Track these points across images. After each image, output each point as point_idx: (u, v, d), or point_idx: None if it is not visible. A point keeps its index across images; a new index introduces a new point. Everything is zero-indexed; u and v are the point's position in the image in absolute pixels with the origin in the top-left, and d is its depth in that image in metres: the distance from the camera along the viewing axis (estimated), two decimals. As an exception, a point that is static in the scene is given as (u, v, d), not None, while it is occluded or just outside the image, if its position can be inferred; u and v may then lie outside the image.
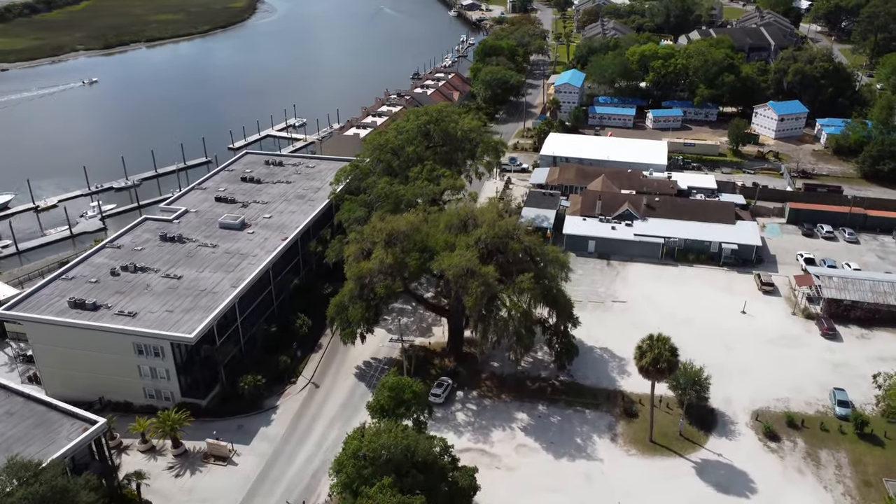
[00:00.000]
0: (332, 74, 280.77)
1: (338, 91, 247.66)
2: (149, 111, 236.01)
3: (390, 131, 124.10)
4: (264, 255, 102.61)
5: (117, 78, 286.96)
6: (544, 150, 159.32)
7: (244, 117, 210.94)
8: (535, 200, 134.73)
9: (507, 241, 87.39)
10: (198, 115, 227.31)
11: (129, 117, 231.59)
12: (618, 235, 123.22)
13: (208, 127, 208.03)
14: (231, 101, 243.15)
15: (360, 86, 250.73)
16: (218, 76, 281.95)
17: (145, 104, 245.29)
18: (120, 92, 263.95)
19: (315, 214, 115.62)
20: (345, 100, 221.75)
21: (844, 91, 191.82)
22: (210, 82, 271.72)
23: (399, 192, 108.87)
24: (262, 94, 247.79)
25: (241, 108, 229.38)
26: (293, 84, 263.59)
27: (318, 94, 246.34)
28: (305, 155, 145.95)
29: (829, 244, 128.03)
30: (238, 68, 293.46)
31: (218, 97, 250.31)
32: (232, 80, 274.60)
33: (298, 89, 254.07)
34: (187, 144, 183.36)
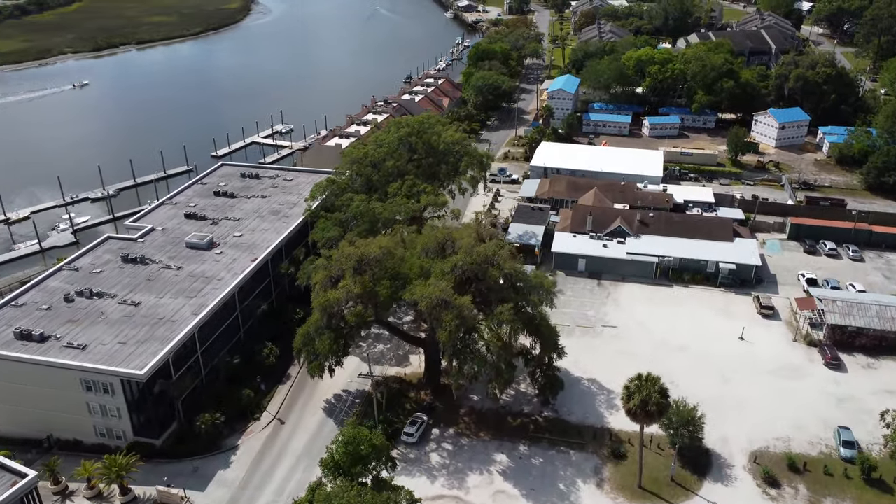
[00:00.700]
0: (324, 78, 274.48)
1: (328, 95, 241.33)
2: (135, 116, 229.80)
3: (369, 144, 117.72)
4: (230, 278, 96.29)
5: (108, 81, 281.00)
6: (535, 160, 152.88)
7: (230, 123, 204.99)
8: (524, 215, 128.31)
9: (486, 267, 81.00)
10: (184, 120, 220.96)
11: (114, 122, 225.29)
12: (609, 254, 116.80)
13: (194, 132, 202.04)
14: (218, 106, 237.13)
15: (352, 90, 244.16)
16: (207, 80, 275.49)
17: (132, 108, 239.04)
18: (109, 95, 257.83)
19: (289, 233, 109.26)
20: (334, 105, 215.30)
21: (847, 97, 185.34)
22: (198, 86, 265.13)
23: (376, 211, 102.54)
24: (251, 99, 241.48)
25: (228, 113, 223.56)
26: (282, 88, 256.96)
27: (307, 99, 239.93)
28: (283, 167, 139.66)
29: (833, 262, 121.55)
30: (227, 72, 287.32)
31: (205, 101, 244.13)
32: (220, 83, 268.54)
33: (288, 94, 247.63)
34: (170, 151, 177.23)
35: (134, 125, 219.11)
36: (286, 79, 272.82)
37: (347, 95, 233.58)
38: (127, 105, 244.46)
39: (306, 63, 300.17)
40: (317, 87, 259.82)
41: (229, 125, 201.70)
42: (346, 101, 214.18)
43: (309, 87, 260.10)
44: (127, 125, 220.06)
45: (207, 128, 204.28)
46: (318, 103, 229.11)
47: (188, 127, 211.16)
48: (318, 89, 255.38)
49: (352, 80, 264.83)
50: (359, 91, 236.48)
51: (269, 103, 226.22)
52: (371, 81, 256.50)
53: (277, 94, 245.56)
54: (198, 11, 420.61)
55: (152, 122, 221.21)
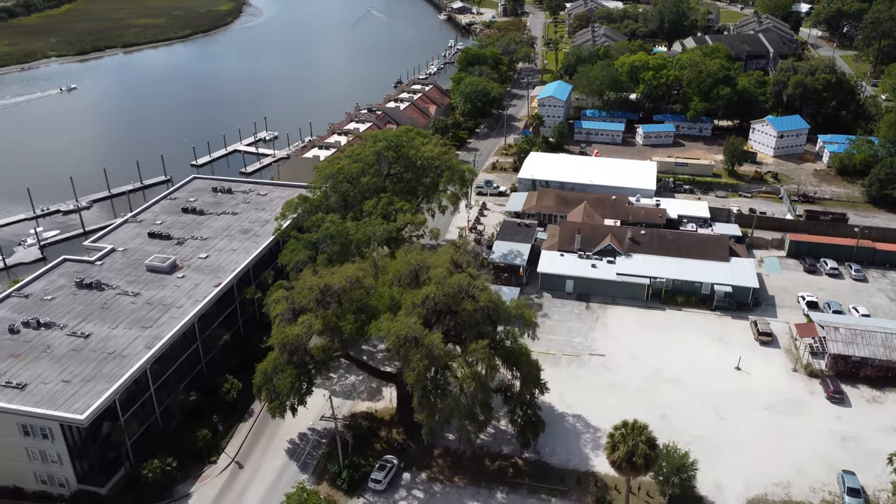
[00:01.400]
0: (312, 82, 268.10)
1: (315, 101, 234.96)
2: (117, 122, 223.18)
3: (344, 158, 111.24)
4: (190, 305, 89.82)
5: (96, 85, 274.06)
6: (523, 172, 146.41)
7: (214, 129, 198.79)
8: (509, 232, 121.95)
9: (460, 299, 74.57)
10: (165, 126, 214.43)
11: (95, 128, 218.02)
12: (598, 274, 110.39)
13: (174, 139, 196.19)
14: (201, 112, 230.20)
15: (341, 94, 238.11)
16: (191, 84, 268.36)
17: (115, 114, 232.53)
18: (95, 100, 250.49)
19: (257, 254, 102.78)
20: (321, 110, 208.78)
21: (848, 105, 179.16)
22: (183, 91, 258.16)
23: (348, 232, 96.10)
24: (236, 104, 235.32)
25: (211, 120, 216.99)
26: (269, 93, 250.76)
27: (294, 104, 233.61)
28: (257, 181, 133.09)
29: (834, 283, 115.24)
30: (213, 76, 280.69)
31: (188, 107, 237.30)
32: (205, 88, 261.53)
33: (274, 99, 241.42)
34: (149, 160, 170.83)
35: (115, 132, 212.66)
36: (273, 83, 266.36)
37: (336, 100, 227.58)
38: (110, 110, 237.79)
39: (295, 66, 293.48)
40: (305, 91, 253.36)
41: (212, 132, 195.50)
42: (334, 106, 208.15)
43: (296, 91, 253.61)
44: (108, 131, 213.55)
45: (189, 134, 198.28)
46: (305, 109, 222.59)
47: (169, 133, 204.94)
48: (306, 94, 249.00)
49: (341, 84, 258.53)
50: (348, 95, 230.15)
51: (255, 109, 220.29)
52: (361, 85, 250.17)
53: (263, 100, 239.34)
54: (188, 13, 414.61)
55: (134, 128, 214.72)
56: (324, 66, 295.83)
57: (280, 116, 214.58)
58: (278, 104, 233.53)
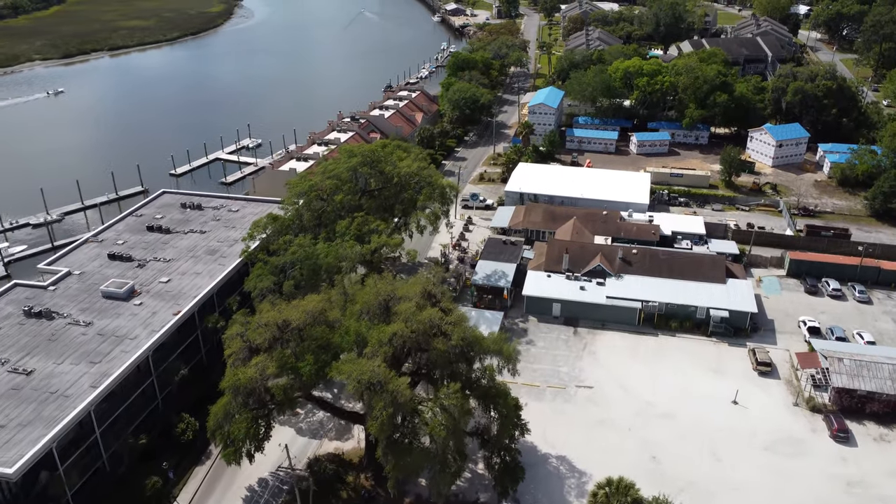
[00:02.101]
0: (300, 86, 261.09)
1: (303, 106, 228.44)
2: (96, 128, 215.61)
3: (317, 174, 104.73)
4: (145, 337, 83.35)
5: (84, 89, 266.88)
6: (510, 184, 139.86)
7: (197, 136, 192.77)
8: (494, 250, 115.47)
9: (431, 336, 68.16)
10: (146, 133, 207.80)
11: (74, 135, 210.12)
12: (587, 297, 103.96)
13: (156, 146, 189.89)
14: (185, 117, 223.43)
15: (328, 99, 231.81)
16: (177, 89, 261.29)
17: (98, 120, 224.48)
18: (80, 105, 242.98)
19: (223, 277, 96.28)
20: (308, 117, 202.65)
21: (849, 112, 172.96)
22: (168, 96, 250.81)
23: (318, 256, 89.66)
24: (222, 109, 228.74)
25: (195, 125, 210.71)
26: (256, 97, 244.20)
27: (281, 110, 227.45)
28: (230, 196, 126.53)
29: (837, 305, 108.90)
30: (200, 79, 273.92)
31: (173, 112, 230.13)
32: (191, 92, 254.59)
33: (261, 103, 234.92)
34: (125, 169, 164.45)
35: (93, 138, 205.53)
36: (260, 87, 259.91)
37: (323, 106, 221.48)
38: (90, 116, 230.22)
39: (283, 70, 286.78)
40: (292, 96, 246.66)
41: (195, 138, 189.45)
42: (321, 112, 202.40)
43: (283, 96, 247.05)
44: (85, 138, 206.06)
45: (171, 141, 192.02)
46: (291, 115, 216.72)
47: (150, 140, 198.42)
48: (293, 99, 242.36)
49: (330, 89, 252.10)
50: (336, 100, 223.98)
51: (240, 114, 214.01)
52: (350, 89, 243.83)
53: (250, 105, 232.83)
54: (178, 15, 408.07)
55: (113, 135, 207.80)
56: (313, 70, 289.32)
57: (266, 122, 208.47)
58: (264, 109, 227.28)
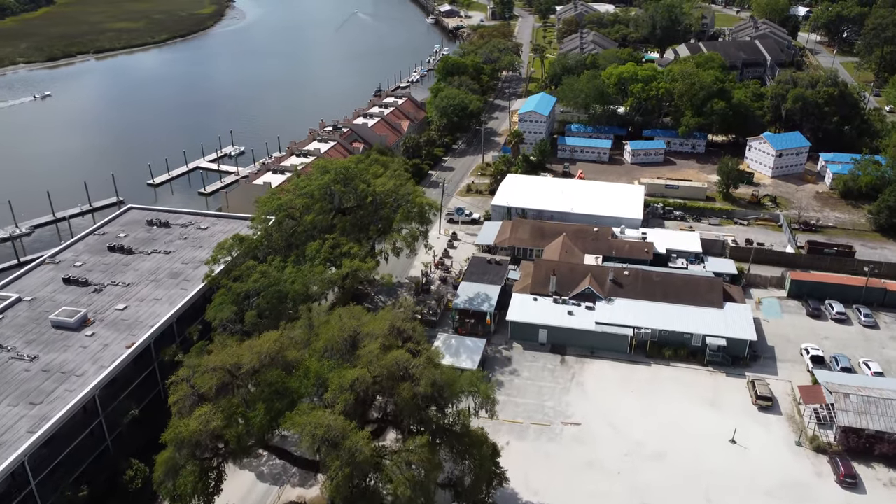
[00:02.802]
0: (288, 90, 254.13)
1: (290, 111, 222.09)
2: (73, 135, 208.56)
3: (287, 191, 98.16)
4: (94, 373, 76.84)
5: (71, 92, 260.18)
6: (497, 198, 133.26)
7: (179, 143, 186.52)
8: (477, 271, 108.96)
9: (397, 380, 61.68)
10: (128, 139, 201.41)
11: (49, 143, 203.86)
12: (575, 323, 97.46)
13: (135, 153, 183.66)
14: (168, 123, 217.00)
15: (316, 104, 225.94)
16: (161, 93, 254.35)
17: (78, 125, 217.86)
18: (66, 108, 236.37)
19: (183, 304, 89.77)
20: (294, 122, 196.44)
21: (852, 119, 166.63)
22: (151, 101, 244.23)
23: (282, 283, 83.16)
24: (206, 114, 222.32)
25: (178, 131, 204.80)
26: (242, 101, 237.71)
27: (267, 115, 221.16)
28: (200, 212, 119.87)
29: (841, 330, 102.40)
30: (185, 84, 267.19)
31: (155, 118, 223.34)
32: (175, 97, 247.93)
33: (246, 108, 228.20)
34: (103, 177, 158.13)
35: (70, 145, 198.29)
36: (246, 91, 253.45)
37: (310, 111, 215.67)
38: (71, 121, 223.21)
39: (271, 73, 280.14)
40: (279, 100, 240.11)
41: (176, 146, 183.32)
42: (309, 117, 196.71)
43: (270, 100, 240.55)
44: (63, 145, 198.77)
45: (151, 149, 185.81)
46: (278, 120, 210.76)
47: (129, 147, 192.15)
48: (281, 103, 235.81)
49: (319, 93, 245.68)
50: (325, 105, 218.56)
51: (224, 120, 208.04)
52: (340, 93, 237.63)
53: (234, 110, 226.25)
54: (168, 17, 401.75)
55: (92, 141, 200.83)
56: (303, 73, 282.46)
57: (251, 128, 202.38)
58: (250, 115, 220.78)
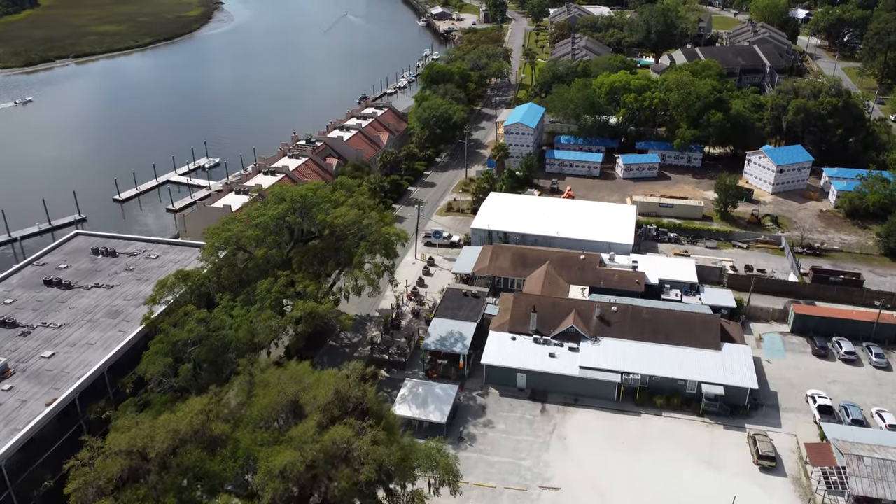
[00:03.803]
0: (270, 96, 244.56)
1: (270, 120, 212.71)
2: (40, 145, 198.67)
3: (238, 222, 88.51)
4: (4, 437, 67.34)
5: (53, 97, 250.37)
6: (477, 220, 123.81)
7: (152, 153, 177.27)
8: (452, 305, 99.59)
9: (336, 464, 52.35)
10: (97, 151, 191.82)
11: (7, 154, 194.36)
12: (558, 367, 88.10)
13: (106, 165, 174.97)
14: (142, 132, 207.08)
15: (298, 112, 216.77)
16: (138, 101, 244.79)
17: (40, 135, 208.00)
18: (45, 115, 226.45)
19: (118, 351, 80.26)
20: (273, 132, 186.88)
21: (856, 131, 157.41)
22: (126, 108, 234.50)
23: (224, 331, 73.71)
24: (182, 123, 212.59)
25: (152, 141, 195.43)
26: (220, 109, 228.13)
27: (247, 123, 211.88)
28: (152, 239, 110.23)
29: (851, 371, 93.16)
30: (164, 90, 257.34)
31: (130, 127, 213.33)
32: (152, 105, 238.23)
33: (224, 117, 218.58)
34: (66, 193, 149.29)
35: (33, 157, 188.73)
36: (227, 98, 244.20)
37: (293, 118, 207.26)
38: (42, 130, 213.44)
39: (255, 78, 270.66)
40: (260, 107, 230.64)
41: (148, 157, 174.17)
42: (288, 127, 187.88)
43: (252, 107, 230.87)
44: (25, 157, 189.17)
45: (121, 160, 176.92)
46: (257, 128, 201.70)
47: (96, 159, 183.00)
48: (262, 111, 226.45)
49: (301, 100, 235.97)
50: (307, 112, 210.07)
51: (201, 129, 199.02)
52: (324, 99, 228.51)
53: (211, 118, 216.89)
54: (154, 20, 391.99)
55: (56, 153, 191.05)
56: (286, 78, 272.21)
57: (228, 138, 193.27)
58: (228, 123, 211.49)
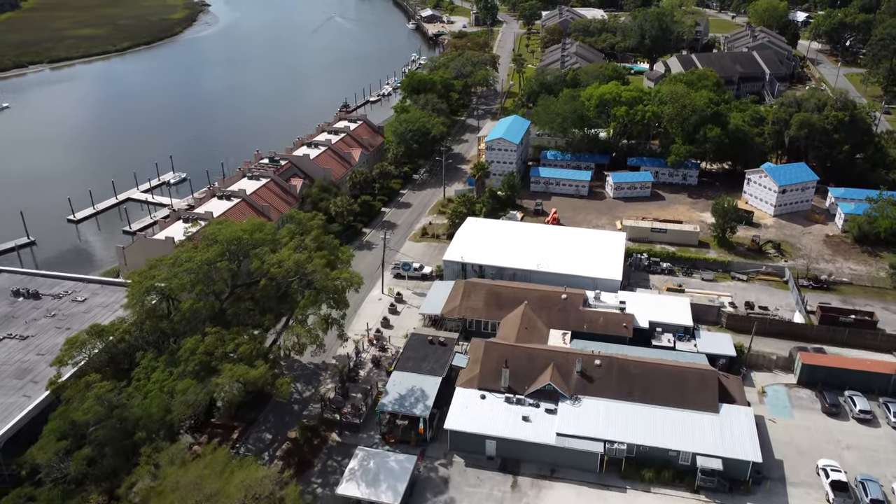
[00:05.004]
0: (248, 105, 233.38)
1: (244, 131, 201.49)
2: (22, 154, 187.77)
3: (162, 267, 76.90)
4: None
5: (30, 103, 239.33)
6: (450, 251, 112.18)
7: (116, 168, 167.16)
8: (415, 355, 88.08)
9: None
10: (57, 163, 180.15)
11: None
12: (532, 434, 76.63)
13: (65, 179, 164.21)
14: (108, 145, 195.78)
15: (276, 121, 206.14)
16: (108, 110, 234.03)
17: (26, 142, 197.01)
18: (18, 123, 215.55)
19: (18, 420, 69.03)
20: (247, 144, 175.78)
21: (864, 147, 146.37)
22: (95, 118, 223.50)
23: (130, 408, 62.24)
24: (151, 134, 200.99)
25: (117, 155, 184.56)
26: (190, 121, 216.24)
27: (221, 134, 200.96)
28: (83, 277, 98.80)
29: (867, 434, 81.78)
30: (137, 98, 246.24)
31: (93, 138, 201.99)
32: (122, 114, 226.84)
33: (195, 128, 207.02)
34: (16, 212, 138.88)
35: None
36: (200, 107, 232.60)
37: (266, 129, 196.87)
38: (21, 137, 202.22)
39: (233, 85, 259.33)
40: (234, 117, 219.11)
41: (111, 172, 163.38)
42: (263, 138, 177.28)
43: (224, 117, 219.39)
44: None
45: (85, 174, 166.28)
46: (228, 141, 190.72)
47: (54, 174, 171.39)
48: (234, 121, 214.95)
49: (279, 108, 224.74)
50: (282, 123, 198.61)
51: (172, 141, 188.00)
52: (302, 109, 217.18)
53: (182, 129, 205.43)
54: (136, 23, 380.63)
55: (14, 166, 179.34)
56: (266, 84, 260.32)
57: (197, 151, 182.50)
58: (200, 134, 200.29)
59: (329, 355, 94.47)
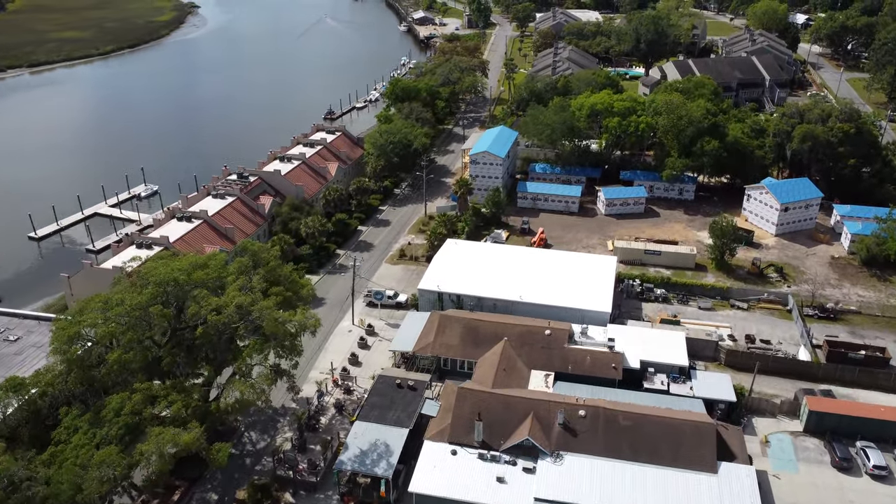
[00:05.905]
0: (229, 111, 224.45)
1: (220, 140, 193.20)
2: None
3: (92, 310, 68.14)
4: None
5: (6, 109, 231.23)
6: (426, 279, 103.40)
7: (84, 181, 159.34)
8: (381, 402, 79.50)
9: None
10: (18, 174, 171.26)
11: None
12: (506, 499, 68.04)
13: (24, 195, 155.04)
14: (78, 154, 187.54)
15: (256, 129, 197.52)
16: (83, 118, 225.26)
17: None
18: None
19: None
20: (220, 156, 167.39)
21: (871, 160, 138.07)
22: (69, 127, 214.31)
23: (33, 487, 53.71)
24: (125, 143, 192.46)
25: (88, 165, 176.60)
26: (167, 130, 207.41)
27: (194, 145, 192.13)
28: (20, 313, 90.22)
29: (883, 493, 73.21)
30: (114, 105, 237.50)
31: (63, 151, 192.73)
32: (97, 122, 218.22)
33: (171, 138, 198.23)
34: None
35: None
36: (178, 114, 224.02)
37: (244, 138, 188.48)
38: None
39: (213, 92, 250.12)
40: (213, 125, 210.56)
41: (79, 185, 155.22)
42: (242, 148, 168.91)
43: (203, 127, 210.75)
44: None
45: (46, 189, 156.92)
46: (204, 152, 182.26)
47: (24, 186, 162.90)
48: (213, 129, 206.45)
49: (264, 114, 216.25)
50: (262, 132, 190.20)
51: (143, 153, 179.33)
52: (285, 116, 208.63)
53: (157, 139, 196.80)
54: (122, 25, 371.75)
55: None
56: (249, 90, 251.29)
57: (171, 162, 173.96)
58: (174, 145, 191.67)
59: (288, 398, 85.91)
